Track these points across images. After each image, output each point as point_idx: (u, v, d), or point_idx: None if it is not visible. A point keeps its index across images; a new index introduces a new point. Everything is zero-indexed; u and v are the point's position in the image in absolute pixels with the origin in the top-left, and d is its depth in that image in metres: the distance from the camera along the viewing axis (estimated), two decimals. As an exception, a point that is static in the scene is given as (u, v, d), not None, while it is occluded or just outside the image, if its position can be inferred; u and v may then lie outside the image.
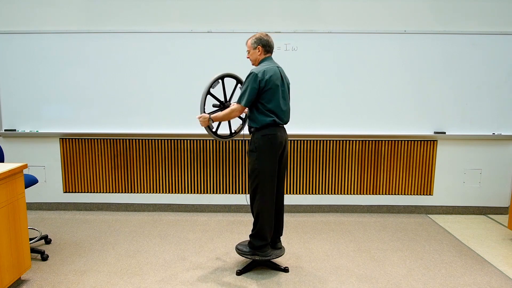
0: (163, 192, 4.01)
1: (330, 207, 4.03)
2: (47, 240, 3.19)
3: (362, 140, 3.92)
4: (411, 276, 2.69)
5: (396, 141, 3.93)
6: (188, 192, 4.01)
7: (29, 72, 3.80)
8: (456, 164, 3.97)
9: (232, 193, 4.00)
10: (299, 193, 4.01)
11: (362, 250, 3.12)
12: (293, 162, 3.95)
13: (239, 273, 2.69)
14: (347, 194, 4.01)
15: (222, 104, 2.76)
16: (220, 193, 4.01)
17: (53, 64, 3.78)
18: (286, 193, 3.97)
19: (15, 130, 3.88)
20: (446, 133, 3.88)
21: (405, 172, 3.97)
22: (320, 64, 3.78)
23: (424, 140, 3.93)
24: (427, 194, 4.01)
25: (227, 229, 3.55)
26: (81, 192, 4.02)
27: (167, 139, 3.93)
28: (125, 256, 2.97)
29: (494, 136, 3.89)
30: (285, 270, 2.73)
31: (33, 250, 2.87)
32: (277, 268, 2.75)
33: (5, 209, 2.32)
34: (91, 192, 4.01)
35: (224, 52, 3.74)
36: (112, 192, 4.01)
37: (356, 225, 3.68)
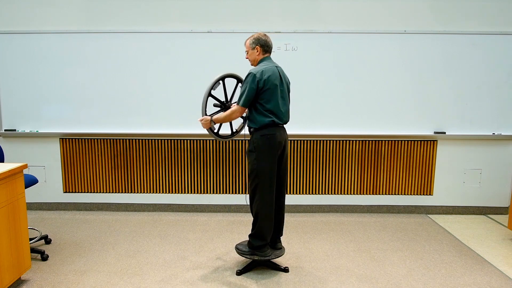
0: (163, 192, 4.01)
1: (330, 207, 4.03)
2: (47, 240, 3.19)
3: (362, 140, 3.92)
4: (411, 276, 2.69)
5: (396, 141, 3.93)
6: (188, 192, 4.01)
7: (29, 72, 3.80)
8: (456, 164, 3.97)
9: (232, 193, 4.00)
10: (299, 193, 4.01)
11: (362, 250, 3.12)
12: (293, 162, 3.95)
13: (239, 273, 2.69)
14: (347, 194, 4.01)
15: (223, 104, 2.75)
16: (220, 193, 4.01)
17: (53, 64, 3.79)
18: (286, 193, 3.96)
19: (15, 130, 3.88)
20: (446, 133, 3.88)
21: (405, 172, 3.97)
22: (320, 64, 3.78)
23: (424, 140, 3.93)
24: (427, 194, 4.01)
25: (227, 229, 3.55)
26: (81, 192, 4.02)
27: (167, 139, 3.93)
28: (125, 256, 2.97)
29: (494, 136, 3.89)
30: (285, 270, 2.74)
31: (33, 250, 2.87)
32: (277, 268, 2.75)
33: (5, 209, 2.32)
34: (91, 192, 4.01)
35: (224, 52, 3.74)
36: (112, 192, 4.01)
37: (356, 225, 3.68)
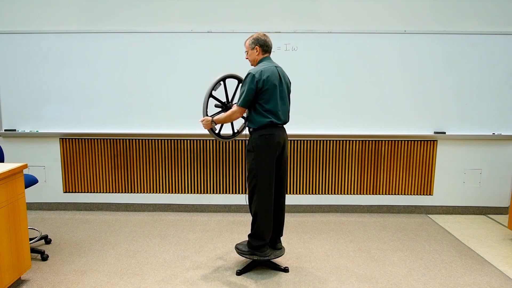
0: (163, 192, 4.01)
1: (330, 207, 4.03)
2: (47, 240, 3.19)
3: (362, 140, 3.92)
4: (411, 276, 2.69)
5: (396, 141, 3.93)
6: (188, 192, 4.01)
7: (29, 72, 3.80)
8: (456, 164, 3.97)
9: (232, 193, 4.00)
10: (299, 193, 4.01)
11: (362, 250, 3.12)
12: (293, 162, 3.95)
13: (239, 273, 2.69)
14: (347, 194, 4.01)
15: (224, 105, 2.75)
16: (220, 193, 4.01)
17: (53, 64, 3.79)
18: (286, 193, 3.96)
19: (15, 130, 3.88)
20: (446, 133, 3.88)
21: (405, 172, 3.97)
22: (320, 64, 3.78)
23: (424, 140, 3.93)
24: (427, 194, 4.01)
25: (227, 229, 3.55)
26: (81, 192, 4.02)
27: (167, 139, 3.93)
28: (125, 256, 2.97)
29: (494, 136, 3.89)
30: (285, 270, 2.74)
31: (33, 250, 2.87)
32: (277, 268, 2.75)
33: (5, 209, 2.32)
34: (91, 192, 4.01)
35: (224, 52, 3.74)
36: (112, 192, 4.01)
37: (356, 225, 3.68)
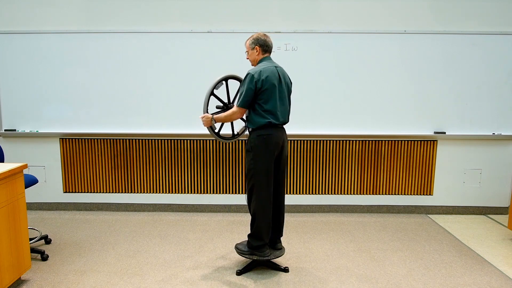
0: (163, 192, 4.01)
1: (330, 207, 4.03)
2: (47, 240, 3.19)
3: (362, 140, 3.92)
4: (411, 276, 2.69)
5: (396, 141, 3.93)
6: (188, 192, 4.01)
7: (29, 72, 3.80)
8: (456, 164, 3.97)
9: (232, 193, 4.00)
10: (299, 193, 4.01)
11: (362, 250, 3.12)
12: (293, 162, 3.95)
13: (239, 273, 2.69)
14: (347, 194, 4.01)
15: (225, 105, 2.76)
16: (220, 193, 4.01)
17: (53, 64, 3.79)
18: (286, 193, 3.97)
19: (15, 130, 3.88)
20: (446, 133, 3.88)
21: (405, 172, 3.97)
22: (320, 64, 3.78)
23: (424, 140, 3.93)
24: (427, 194, 4.01)
25: (227, 229, 3.55)
26: (81, 192, 4.02)
27: (167, 139, 3.93)
28: (125, 256, 2.97)
29: (494, 136, 3.89)
30: (285, 270, 2.73)
31: (33, 250, 2.87)
32: (277, 268, 2.75)
33: (5, 209, 2.32)
34: (91, 192, 4.01)
35: (224, 52, 3.74)
36: (112, 192, 4.01)
37: (356, 225, 3.68)
